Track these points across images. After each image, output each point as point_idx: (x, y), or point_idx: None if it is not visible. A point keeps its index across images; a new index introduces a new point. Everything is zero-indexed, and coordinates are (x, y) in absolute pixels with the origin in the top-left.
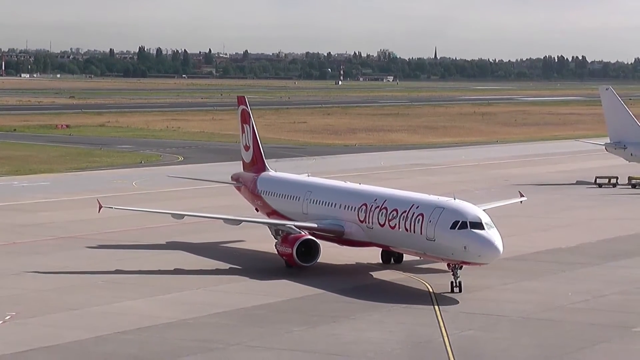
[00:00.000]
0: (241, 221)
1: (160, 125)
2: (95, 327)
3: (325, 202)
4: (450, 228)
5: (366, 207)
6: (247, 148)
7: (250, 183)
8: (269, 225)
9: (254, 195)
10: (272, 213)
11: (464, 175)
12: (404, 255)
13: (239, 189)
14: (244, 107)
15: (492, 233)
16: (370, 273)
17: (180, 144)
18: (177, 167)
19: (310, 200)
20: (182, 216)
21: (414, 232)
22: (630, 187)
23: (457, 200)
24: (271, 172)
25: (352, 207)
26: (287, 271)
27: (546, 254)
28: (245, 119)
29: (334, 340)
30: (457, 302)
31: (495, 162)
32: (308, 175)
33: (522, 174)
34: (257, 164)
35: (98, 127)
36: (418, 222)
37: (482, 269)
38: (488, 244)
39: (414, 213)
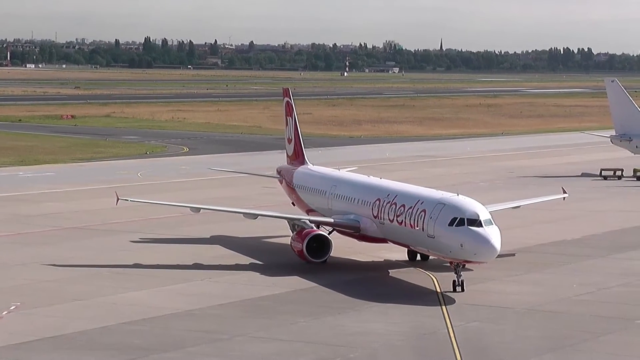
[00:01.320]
0: (257, 215)
1: (165, 116)
2: (101, 318)
3: (346, 197)
4: (449, 225)
5: (379, 202)
6: (289, 141)
7: (288, 176)
8: (287, 219)
9: (290, 189)
10: (305, 207)
11: (469, 167)
12: None
13: (281, 182)
14: (288, 99)
15: (489, 231)
16: (378, 266)
17: (186, 135)
18: (182, 158)
19: (335, 195)
20: (198, 209)
21: (417, 228)
22: (635, 179)
23: (460, 196)
24: (309, 166)
25: (367, 202)
26: (299, 264)
27: (551, 245)
28: (289, 111)
29: (339, 332)
30: (462, 294)
31: (501, 154)
32: (339, 169)
33: (528, 165)
34: (298, 158)
35: (103, 118)
36: (421, 219)
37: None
38: (484, 241)
39: (418, 209)
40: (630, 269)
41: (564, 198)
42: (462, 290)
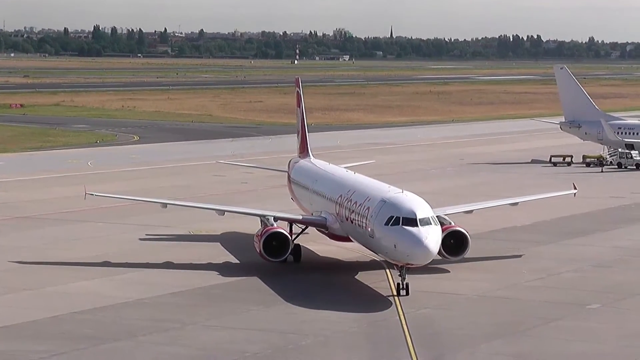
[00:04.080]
0: (225, 211)
1: (115, 104)
2: (51, 307)
3: (320, 193)
4: (385, 224)
5: (341, 198)
6: (298, 133)
7: (290, 170)
8: (255, 216)
9: (289, 182)
10: (297, 202)
11: (419, 155)
12: None
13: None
14: (298, 89)
15: (425, 231)
16: (332, 257)
17: (136, 124)
18: (133, 146)
19: (313, 190)
20: (165, 205)
21: (362, 227)
22: (584, 165)
23: (404, 192)
24: (311, 159)
25: (332, 198)
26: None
27: (501, 232)
28: (298, 102)
29: (291, 320)
30: (413, 281)
31: (451, 141)
32: (329, 164)
33: (478, 153)
34: (304, 151)
35: (53, 107)
36: (365, 217)
37: None
38: (417, 243)
39: (364, 206)
40: (579, 255)
41: (575, 194)
42: (407, 294)
